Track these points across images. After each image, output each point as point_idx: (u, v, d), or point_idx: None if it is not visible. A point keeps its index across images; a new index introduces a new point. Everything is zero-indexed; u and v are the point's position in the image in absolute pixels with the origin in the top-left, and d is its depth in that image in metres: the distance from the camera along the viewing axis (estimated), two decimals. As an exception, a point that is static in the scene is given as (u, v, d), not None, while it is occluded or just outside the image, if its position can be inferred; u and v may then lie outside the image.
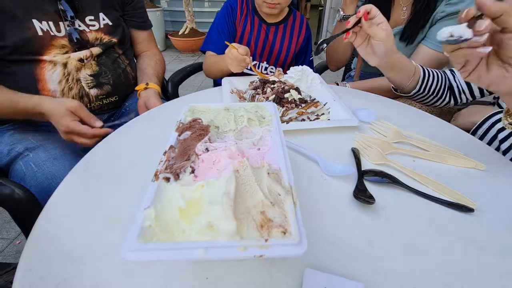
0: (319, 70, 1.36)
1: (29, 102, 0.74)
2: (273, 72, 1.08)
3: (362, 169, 0.47)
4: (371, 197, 0.40)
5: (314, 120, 0.63)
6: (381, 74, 1.14)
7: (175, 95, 1.17)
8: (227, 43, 0.79)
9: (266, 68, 1.07)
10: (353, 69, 1.29)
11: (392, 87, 0.87)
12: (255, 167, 0.33)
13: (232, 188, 0.29)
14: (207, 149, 0.37)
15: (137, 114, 0.82)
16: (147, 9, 1.07)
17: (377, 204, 0.41)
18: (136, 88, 0.96)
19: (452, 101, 0.83)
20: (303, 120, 0.63)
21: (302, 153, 0.52)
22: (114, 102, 0.98)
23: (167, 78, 1.17)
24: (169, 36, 3.50)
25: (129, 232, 0.26)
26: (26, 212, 0.60)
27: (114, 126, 0.71)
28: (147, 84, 0.95)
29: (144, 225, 0.27)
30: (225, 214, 0.26)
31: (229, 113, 0.46)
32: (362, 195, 0.41)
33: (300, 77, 0.73)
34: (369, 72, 1.16)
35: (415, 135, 0.57)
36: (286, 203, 0.29)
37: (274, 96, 0.64)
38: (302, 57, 1.11)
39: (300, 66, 0.76)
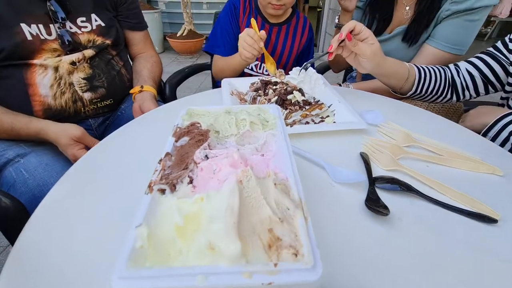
0: (321, 71, 1.33)
1: (31, 127, 0.75)
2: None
3: (373, 176, 0.44)
4: (385, 207, 0.37)
5: (319, 122, 0.60)
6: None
7: (173, 97, 1.14)
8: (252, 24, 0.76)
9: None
10: (354, 70, 1.27)
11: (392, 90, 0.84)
12: (260, 177, 0.30)
13: (236, 202, 0.25)
14: (206, 156, 0.34)
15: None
16: (144, 11, 1.04)
17: (392, 214, 0.37)
18: (131, 91, 0.92)
19: (454, 98, 0.80)
20: (307, 123, 0.60)
21: (307, 158, 0.49)
22: (109, 105, 0.95)
23: (164, 80, 1.14)
24: (167, 38, 3.47)
25: (118, 255, 0.22)
26: (14, 221, 0.56)
27: None
28: (141, 87, 0.91)
29: (135, 246, 0.23)
30: (228, 233, 0.23)
31: (230, 116, 0.43)
32: (375, 205, 0.37)
33: (303, 78, 0.70)
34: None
35: (426, 138, 0.54)
36: (296, 219, 0.25)
37: (276, 97, 0.61)
38: (304, 59, 1.08)
39: (298, 66, 0.73)
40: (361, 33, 0.63)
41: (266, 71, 1.05)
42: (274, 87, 0.66)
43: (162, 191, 0.29)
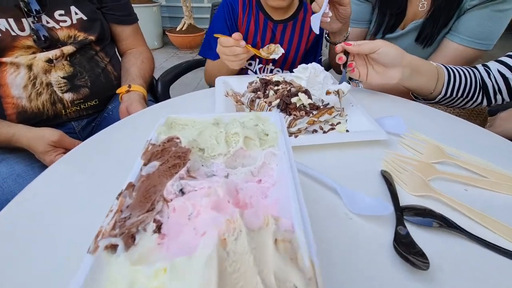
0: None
1: (1, 132, 0.66)
2: (279, 72, 0.95)
3: (400, 204, 0.35)
4: (423, 255, 0.28)
5: (328, 131, 0.51)
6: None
7: (166, 96, 1.04)
8: (216, 35, 0.66)
9: (271, 71, 0.95)
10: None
11: (412, 94, 0.74)
12: (254, 229, 0.21)
13: (213, 280, 0.16)
14: (182, 191, 0.25)
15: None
16: (143, 5, 0.94)
17: (430, 262, 0.28)
18: (117, 91, 0.83)
19: (485, 102, 0.70)
20: (315, 131, 0.51)
21: (316, 178, 0.40)
22: (94, 106, 0.86)
23: (157, 77, 1.04)
24: (167, 33, 3.36)
25: None
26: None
27: None
28: (129, 86, 0.82)
29: None
30: None
31: (218, 129, 0.33)
32: (409, 252, 0.28)
33: (309, 76, 0.60)
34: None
35: (461, 152, 0.44)
36: (307, 306, 0.16)
37: (278, 100, 0.52)
38: (311, 57, 0.98)
39: (304, 64, 0.63)
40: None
41: (270, 72, 0.95)
42: (276, 87, 0.57)
43: (113, 249, 0.20)
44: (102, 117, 0.90)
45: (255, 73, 0.95)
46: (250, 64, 0.95)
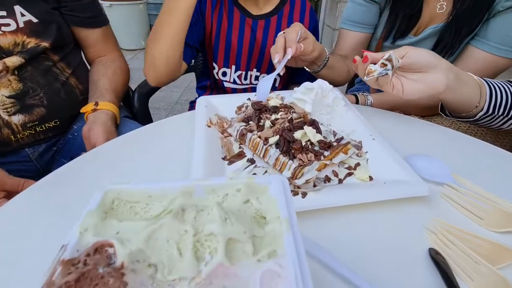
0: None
1: None
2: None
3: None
4: None
5: (345, 177, 0.38)
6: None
7: (144, 111, 0.90)
8: None
9: (257, 78, 0.79)
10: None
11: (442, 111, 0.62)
12: None
13: None
14: None
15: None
16: (128, 2, 0.79)
17: None
18: (82, 109, 0.69)
19: None
20: (327, 179, 0.37)
21: (334, 271, 0.27)
22: (54, 128, 0.71)
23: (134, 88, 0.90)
24: (154, 32, 3.18)
25: None
26: None
27: None
28: (96, 103, 0.68)
29: None
30: None
31: (183, 226, 0.20)
32: None
33: (315, 99, 0.47)
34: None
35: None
36: None
37: (277, 138, 0.39)
38: (302, 70, 0.84)
39: (308, 82, 0.49)
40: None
41: (256, 80, 0.80)
42: (274, 116, 0.43)
43: None
44: (66, 140, 0.75)
45: (234, 82, 0.80)
46: (224, 74, 0.79)
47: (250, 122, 0.44)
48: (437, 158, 0.39)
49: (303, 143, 0.38)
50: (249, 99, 0.49)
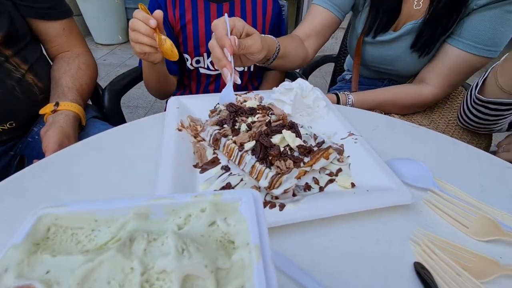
0: (306, 71, 1.08)
1: None
2: (242, 68, 0.78)
3: None
4: None
5: (326, 185, 0.35)
6: (389, 80, 0.89)
7: (115, 111, 0.84)
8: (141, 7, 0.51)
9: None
10: (346, 71, 1.03)
11: (461, 118, 0.63)
12: None
13: None
14: None
15: None
16: None
17: None
18: (41, 111, 0.62)
19: None
20: (307, 187, 0.35)
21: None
22: (10, 131, 0.64)
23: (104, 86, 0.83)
24: (131, 26, 3.04)
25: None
26: None
27: None
28: (56, 104, 0.61)
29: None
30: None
31: (128, 261, 0.16)
32: None
33: (294, 99, 0.44)
34: (374, 77, 0.89)
35: (518, 223, 0.31)
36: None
37: (254, 143, 0.35)
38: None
39: (287, 82, 0.46)
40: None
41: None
42: (250, 119, 0.40)
43: None
44: (25, 143, 0.68)
45: (208, 68, 0.78)
46: (198, 62, 0.78)
47: (224, 126, 0.40)
48: (420, 162, 0.37)
49: (282, 149, 0.35)
50: (223, 104, 0.44)
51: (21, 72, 0.64)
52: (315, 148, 0.37)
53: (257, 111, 0.42)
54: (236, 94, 0.50)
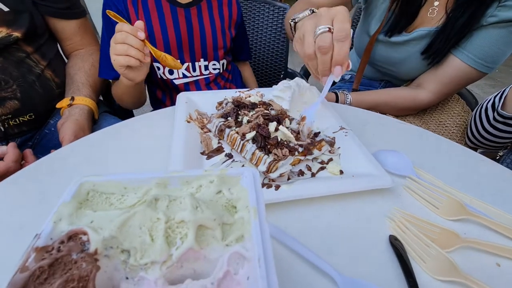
0: (306, 72, 1.12)
1: None
2: (218, 71, 0.78)
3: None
4: None
5: (318, 171, 0.40)
6: (386, 82, 0.92)
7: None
8: (110, 13, 0.51)
9: (206, 67, 0.77)
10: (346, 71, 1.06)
11: (472, 137, 0.64)
12: None
13: None
14: None
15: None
16: None
17: None
18: (57, 105, 0.67)
19: None
20: (301, 172, 0.39)
21: (301, 256, 0.29)
22: (30, 122, 0.69)
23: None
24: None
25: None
26: None
27: None
28: (72, 98, 0.66)
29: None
30: None
31: (155, 213, 0.21)
32: None
33: (292, 96, 0.49)
34: (374, 77, 0.92)
35: (484, 205, 0.35)
36: None
37: (254, 133, 0.40)
38: (243, 45, 0.88)
39: (286, 80, 0.51)
40: None
41: (206, 70, 0.77)
42: (251, 112, 0.45)
43: None
44: (42, 135, 0.73)
45: (184, 77, 0.76)
46: (171, 72, 0.76)
47: (228, 118, 0.45)
48: (403, 153, 0.42)
49: (279, 139, 0.40)
50: (231, 96, 0.49)
51: (40, 68, 0.69)
52: (309, 141, 0.42)
53: (258, 106, 0.46)
54: (239, 91, 0.55)
